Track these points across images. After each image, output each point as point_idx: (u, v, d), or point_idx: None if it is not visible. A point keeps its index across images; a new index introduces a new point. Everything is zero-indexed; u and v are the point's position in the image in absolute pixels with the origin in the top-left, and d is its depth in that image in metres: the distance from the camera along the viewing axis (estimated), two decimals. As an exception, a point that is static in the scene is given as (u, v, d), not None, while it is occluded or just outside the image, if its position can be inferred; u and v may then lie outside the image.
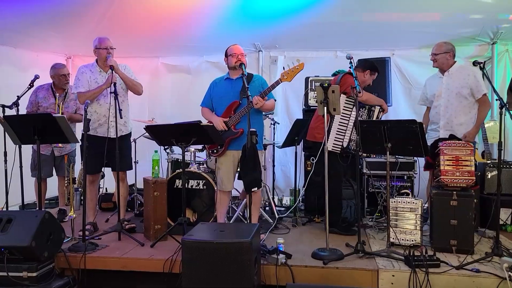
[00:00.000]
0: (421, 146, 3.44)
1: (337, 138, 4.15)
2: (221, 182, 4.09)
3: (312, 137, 4.31)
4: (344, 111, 4.15)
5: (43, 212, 3.47)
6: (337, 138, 4.15)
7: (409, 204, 3.74)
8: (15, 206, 4.67)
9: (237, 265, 2.80)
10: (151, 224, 3.99)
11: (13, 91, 4.53)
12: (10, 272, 3.20)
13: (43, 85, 4.96)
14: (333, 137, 4.14)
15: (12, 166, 4.18)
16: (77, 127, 4.97)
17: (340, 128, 4.16)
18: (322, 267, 3.30)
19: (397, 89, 5.78)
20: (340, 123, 4.16)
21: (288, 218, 4.88)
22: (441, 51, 4.28)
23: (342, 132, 4.15)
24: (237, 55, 3.99)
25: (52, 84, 4.97)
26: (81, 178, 4.83)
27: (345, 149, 4.15)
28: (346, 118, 4.15)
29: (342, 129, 4.16)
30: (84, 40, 5.30)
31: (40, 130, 3.73)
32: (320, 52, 6.14)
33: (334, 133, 4.14)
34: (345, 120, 4.16)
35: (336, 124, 4.15)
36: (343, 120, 4.16)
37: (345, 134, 4.14)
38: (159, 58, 6.63)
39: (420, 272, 3.12)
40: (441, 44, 4.32)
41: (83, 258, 3.52)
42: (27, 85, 4.52)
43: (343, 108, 4.13)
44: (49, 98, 4.87)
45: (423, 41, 5.57)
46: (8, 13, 4.64)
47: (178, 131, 3.81)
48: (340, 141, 4.15)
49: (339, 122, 4.16)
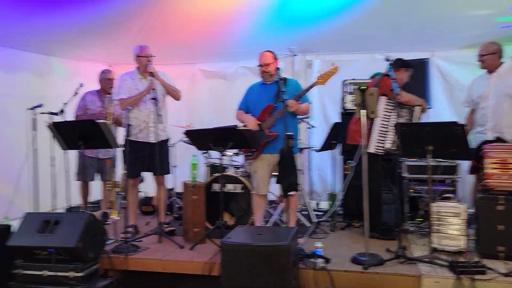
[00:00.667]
0: (465, 149, 3.33)
1: (379, 140, 4.09)
2: (257, 186, 4.11)
3: (354, 140, 4.24)
4: (385, 112, 4.09)
5: (87, 214, 3.61)
6: (379, 140, 4.09)
7: (453, 208, 3.63)
8: (61, 209, 4.87)
9: (275, 268, 2.80)
10: (190, 227, 4.06)
11: (60, 99, 4.75)
12: (58, 272, 3.34)
13: (91, 90, 5.16)
14: (375, 139, 4.08)
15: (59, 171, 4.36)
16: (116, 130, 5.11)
17: (382, 129, 4.10)
18: (362, 272, 3.25)
19: (438, 91, 5.62)
20: (381, 125, 4.10)
21: (326, 222, 4.83)
22: (488, 52, 4.13)
23: (384, 134, 4.09)
24: (262, 66, 4.04)
25: (100, 89, 5.15)
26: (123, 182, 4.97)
27: (388, 150, 4.08)
28: (387, 120, 4.09)
29: (383, 131, 4.09)
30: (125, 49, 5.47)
31: (85, 135, 3.88)
32: (356, 55, 6.05)
33: (376, 135, 4.08)
34: (386, 122, 4.09)
35: (377, 126, 4.09)
36: (384, 122, 4.10)
37: (387, 136, 4.07)
38: (196, 65, 6.74)
39: (465, 279, 3.02)
40: (488, 45, 4.16)
41: (125, 259, 3.63)
42: (73, 93, 4.71)
43: (383, 109, 4.07)
44: (96, 102, 5.05)
45: (465, 41, 5.39)
46: (55, 25, 4.86)
47: (216, 136, 3.86)
48: (382, 143, 4.09)
49: (380, 123, 4.10)
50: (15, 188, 4.30)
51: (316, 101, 6.15)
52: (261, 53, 4.10)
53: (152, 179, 4.51)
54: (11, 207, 4.31)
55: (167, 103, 4.53)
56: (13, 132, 5.11)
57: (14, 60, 5.40)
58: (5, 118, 5.14)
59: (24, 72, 5.57)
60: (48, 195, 4.39)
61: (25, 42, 5.30)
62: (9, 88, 5.28)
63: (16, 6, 4.33)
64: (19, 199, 4.44)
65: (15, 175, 4.24)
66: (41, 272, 3.37)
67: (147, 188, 5.97)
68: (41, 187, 4.27)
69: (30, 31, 4.95)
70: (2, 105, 5.08)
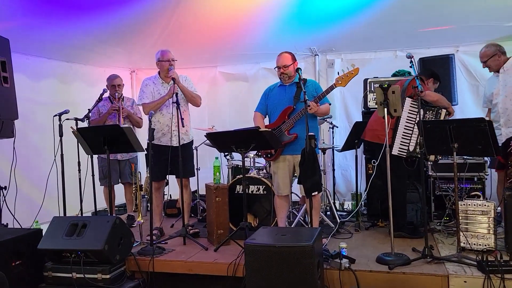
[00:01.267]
0: (491, 146, 3.25)
1: (402, 142, 4.02)
2: (278, 187, 4.11)
3: (376, 139, 4.18)
4: (410, 114, 4.02)
5: (114, 217, 3.68)
6: (402, 142, 4.02)
7: (481, 207, 3.54)
8: (87, 213, 4.97)
9: (299, 268, 2.79)
10: (214, 229, 4.08)
11: (83, 105, 4.86)
12: (86, 274, 3.41)
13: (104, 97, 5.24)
14: (399, 141, 4.02)
15: (86, 175, 4.46)
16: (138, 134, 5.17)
17: (406, 132, 4.03)
18: (388, 272, 3.21)
19: (463, 87, 5.51)
20: (406, 127, 4.03)
21: (350, 222, 4.79)
22: (489, 56, 4.19)
23: (408, 136, 4.02)
24: (280, 68, 4.03)
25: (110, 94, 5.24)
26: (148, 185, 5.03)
27: (411, 153, 4.01)
28: (412, 122, 4.02)
29: (408, 133, 4.02)
30: (146, 54, 5.57)
31: (110, 140, 3.95)
32: (378, 53, 6.00)
33: (400, 137, 4.02)
34: (410, 124, 4.02)
35: (401, 128, 4.03)
36: (408, 124, 4.03)
37: (411, 138, 4.01)
38: (217, 67, 6.79)
39: (495, 278, 2.94)
40: (485, 50, 4.24)
41: (151, 261, 3.68)
42: (96, 99, 4.81)
43: (408, 111, 4.02)
44: (107, 106, 5.14)
45: (491, 35, 5.25)
46: (78, 33, 4.98)
47: (237, 138, 3.88)
48: (406, 145, 4.02)
49: (404, 126, 4.03)
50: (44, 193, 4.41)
51: (338, 101, 6.12)
52: (279, 55, 4.10)
53: (176, 181, 4.56)
54: (41, 211, 4.42)
55: (190, 106, 4.58)
56: (40, 139, 5.26)
57: (40, 68, 5.56)
58: (33, 125, 5.29)
59: (50, 80, 5.73)
60: (75, 199, 4.49)
61: (50, 50, 5.46)
62: (35, 95, 5.44)
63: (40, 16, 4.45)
64: (48, 204, 4.55)
65: (44, 180, 4.35)
66: (70, 274, 3.46)
67: (171, 191, 6.05)
68: (68, 191, 4.38)
69: (54, 40, 5.09)
70: (30, 112, 5.23)
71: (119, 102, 5.05)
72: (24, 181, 4.90)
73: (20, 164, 4.32)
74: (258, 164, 5.11)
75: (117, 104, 5.02)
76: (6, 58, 3.71)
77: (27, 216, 4.46)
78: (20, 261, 3.53)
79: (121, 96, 5.15)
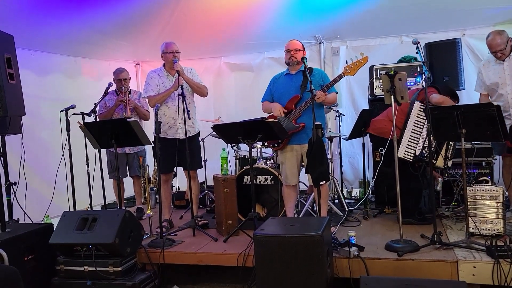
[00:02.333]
0: (500, 131, 3.22)
1: (409, 145, 4.00)
2: (286, 177, 4.11)
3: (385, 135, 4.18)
4: (418, 118, 4.00)
5: (123, 211, 3.71)
6: (409, 145, 4.00)
7: (489, 192, 3.53)
8: (97, 206, 5.02)
9: (309, 258, 2.81)
10: (223, 220, 4.10)
11: (89, 99, 4.87)
12: (98, 267, 3.45)
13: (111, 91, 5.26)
14: (405, 144, 4.00)
15: (94, 169, 4.50)
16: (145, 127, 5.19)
17: (413, 136, 4.00)
18: (397, 259, 3.22)
19: (470, 72, 5.44)
20: (413, 131, 4.00)
21: (359, 210, 4.80)
22: (504, 43, 3.99)
23: (415, 140, 3.99)
24: (290, 51, 4.01)
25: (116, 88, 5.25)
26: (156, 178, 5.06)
27: (417, 157, 3.99)
28: (420, 126, 3.98)
29: (415, 137, 4.00)
30: (151, 46, 5.57)
31: (117, 134, 3.97)
32: (383, 39, 5.94)
33: (407, 140, 4.00)
34: (418, 128, 3.99)
35: (409, 131, 4.01)
36: (416, 128, 4.00)
37: (418, 143, 3.98)
38: (222, 58, 6.76)
39: (504, 263, 2.94)
40: (497, 37, 4.01)
41: (162, 253, 3.71)
42: (102, 93, 4.82)
43: (417, 115, 4.00)
44: (114, 99, 5.15)
45: (498, 18, 5.19)
46: (81, 26, 4.97)
47: (244, 129, 3.88)
48: (413, 149, 4.00)
49: (412, 129, 4.01)
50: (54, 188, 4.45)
51: (344, 89, 6.09)
52: (290, 41, 4.10)
53: (183, 173, 4.58)
54: (51, 206, 4.47)
55: (195, 98, 4.57)
56: (48, 134, 5.30)
57: (46, 63, 5.58)
58: (40, 120, 5.33)
59: (55, 75, 5.75)
60: (84, 193, 4.53)
61: (55, 45, 5.46)
62: (41, 91, 5.46)
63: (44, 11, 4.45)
64: (57, 198, 4.60)
65: (53, 175, 4.40)
66: (82, 268, 3.50)
67: (179, 183, 6.08)
68: (77, 186, 4.42)
69: (59, 35, 5.09)
70: (37, 108, 5.26)
71: (126, 95, 5.06)
72: (34, 177, 4.96)
73: (29, 159, 4.37)
74: (266, 155, 5.11)
75: (123, 96, 5.03)
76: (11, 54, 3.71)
77: (38, 211, 4.51)
78: (32, 256, 3.59)
79: (127, 90, 5.16)
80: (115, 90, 5.18)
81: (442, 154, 3.96)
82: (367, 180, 5.01)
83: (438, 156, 3.97)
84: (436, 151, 3.94)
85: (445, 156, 4.00)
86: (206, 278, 3.86)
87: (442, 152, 3.97)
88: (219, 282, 3.78)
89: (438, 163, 3.98)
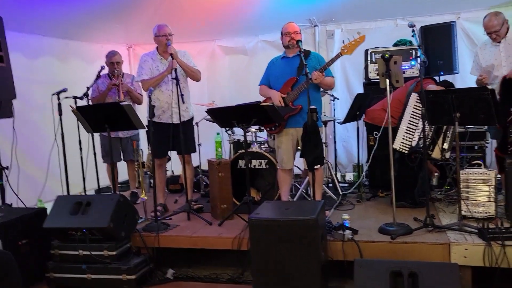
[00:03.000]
0: (494, 115, 3.23)
1: (405, 137, 4.00)
2: (282, 161, 4.11)
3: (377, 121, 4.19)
4: (415, 109, 3.99)
5: (117, 195, 3.71)
6: (405, 137, 4.00)
7: (482, 175, 3.56)
8: (90, 191, 5.00)
9: (303, 241, 2.83)
10: (217, 204, 4.11)
11: (81, 83, 4.80)
12: (92, 251, 3.46)
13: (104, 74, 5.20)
14: (401, 135, 4.00)
15: (87, 154, 4.46)
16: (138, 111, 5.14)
17: (410, 127, 4.01)
18: (390, 242, 3.25)
19: (465, 55, 5.44)
20: (410, 122, 4.00)
21: (352, 194, 4.83)
22: (500, 25, 3.98)
23: (412, 132, 4.00)
24: (290, 34, 3.96)
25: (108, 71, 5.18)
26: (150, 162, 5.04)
27: (413, 148, 3.99)
28: (417, 118, 3.98)
29: (412, 128, 4.00)
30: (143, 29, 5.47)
31: (110, 118, 3.93)
32: (379, 22, 5.89)
33: (403, 132, 4.00)
34: (415, 120, 3.99)
35: (405, 122, 4.01)
36: (413, 119, 4.00)
37: (414, 134, 3.98)
38: (216, 41, 6.69)
39: (495, 245, 2.98)
40: (493, 19, 4.00)
41: (157, 237, 3.72)
42: (95, 76, 4.76)
43: (413, 106, 4.00)
44: (106, 83, 5.08)
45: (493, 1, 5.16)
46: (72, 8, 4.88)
47: (239, 113, 3.86)
48: (409, 141, 4.00)
49: (408, 120, 4.01)
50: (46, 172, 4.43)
51: (339, 73, 6.06)
52: (288, 23, 4.04)
53: (177, 157, 4.57)
54: (44, 190, 4.45)
55: (189, 82, 4.53)
56: (40, 118, 5.23)
57: (36, 46, 5.47)
58: (31, 103, 5.25)
59: (46, 58, 5.65)
60: (77, 177, 4.51)
61: (46, 27, 5.36)
62: (33, 74, 5.37)
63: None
64: (50, 182, 4.58)
65: (46, 159, 4.37)
66: (76, 252, 3.51)
67: (173, 167, 6.07)
68: (70, 170, 4.39)
69: (49, 17, 4.99)
70: (28, 91, 5.18)
71: (119, 78, 5.00)
72: (26, 161, 4.92)
73: (21, 144, 4.33)
74: (260, 139, 5.11)
75: (116, 80, 4.97)
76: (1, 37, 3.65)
77: (31, 195, 4.50)
78: (26, 240, 3.58)
79: (120, 73, 5.10)
80: (107, 73, 5.11)
81: (439, 144, 3.96)
82: (361, 164, 5.03)
83: (435, 147, 3.97)
84: (433, 141, 3.94)
85: (442, 147, 4.00)
86: (201, 261, 3.88)
87: (439, 142, 3.96)
88: (214, 266, 3.81)
89: (434, 154, 3.97)
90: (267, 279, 2.91)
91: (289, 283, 2.84)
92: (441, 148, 3.98)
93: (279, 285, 2.86)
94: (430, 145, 3.91)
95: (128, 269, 3.42)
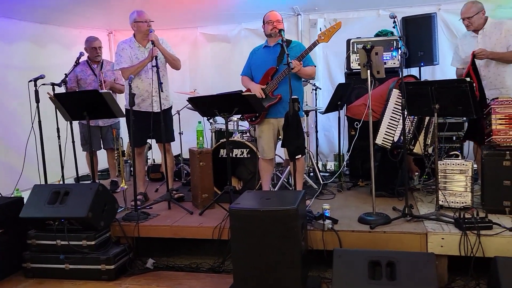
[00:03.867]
0: (472, 107, 3.28)
1: (387, 132, 4.03)
2: (263, 150, 4.11)
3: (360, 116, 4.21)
4: (397, 105, 4.02)
5: (97, 184, 3.66)
6: (387, 132, 4.03)
7: (459, 166, 3.63)
8: (69, 179, 4.92)
9: (284, 231, 2.84)
10: (198, 193, 4.10)
11: (60, 69, 4.69)
12: (71, 241, 3.42)
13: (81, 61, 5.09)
14: (383, 131, 4.03)
15: (65, 142, 4.38)
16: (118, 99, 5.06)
17: (391, 123, 4.04)
18: (369, 231, 3.30)
19: (445, 47, 5.49)
20: (392, 118, 4.03)
21: (333, 183, 4.87)
22: (474, 13, 4.02)
23: (393, 127, 4.03)
24: (273, 22, 3.93)
25: (87, 58, 5.07)
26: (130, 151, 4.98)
27: (395, 143, 4.02)
28: (398, 113, 4.01)
29: (394, 124, 4.03)
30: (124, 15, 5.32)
31: (89, 106, 3.85)
32: (361, 12, 5.89)
33: (385, 127, 4.03)
34: (397, 115, 4.02)
35: (387, 118, 4.03)
36: (394, 115, 4.03)
37: (396, 130, 4.01)
38: (198, 28, 6.60)
39: (471, 234, 3.05)
40: (470, 6, 4.05)
41: (136, 226, 3.70)
42: (73, 62, 4.65)
43: (395, 103, 4.03)
44: (86, 70, 4.99)
45: (473, -7, 5.21)
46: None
47: (220, 102, 3.83)
48: (391, 136, 4.03)
49: (390, 116, 4.04)
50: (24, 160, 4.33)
51: (321, 62, 6.06)
52: (271, 11, 4.01)
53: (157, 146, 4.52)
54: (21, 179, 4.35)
55: (170, 70, 4.47)
56: (16, 104, 5.10)
57: (12, 30, 5.31)
58: (7, 89, 5.13)
59: (22, 42, 5.49)
60: (56, 165, 4.42)
61: (22, 11, 5.18)
62: (8, 59, 5.23)
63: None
64: (28, 171, 4.47)
65: (23, 147, 4.27)
66: (54, 242, 3.47)
67: (154, 155, 6.01)
68: (48, 158, 4.30)
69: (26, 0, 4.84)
70: (3, 77, 5.06)
71: (101, 76, 4.89)
72: (3, 149, 4.82)
73: (-3, 131, 4.22)
74: (242, 128, 5.09)
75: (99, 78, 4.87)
76: (-25, 21, 3.53)
77: (7, 184, 4.40)
78: (2, 230, 3.52)
79: (101, 60, 4.99)
80: (86, 60, 5.00)
81: (420, 140, 4.00)
82: (342, 154, 5.06)
83: (416, 142, 4.01)
84: (414, 136, 3.98)
85: (424, 142, 4.05)
86: (181, 251, 3.88)
87: (420, 138, 4.01)
88: (194, 255, 3.81)
89: (416, 149, 4.01)
90: (248, 269, 2.91)
91: (269, 272, 2.85)
92: (424, 143, 4.03)
93: (259, 275, 2.87)
94: (411, 140, 3.95)
95: (107, 259, 3.40)
